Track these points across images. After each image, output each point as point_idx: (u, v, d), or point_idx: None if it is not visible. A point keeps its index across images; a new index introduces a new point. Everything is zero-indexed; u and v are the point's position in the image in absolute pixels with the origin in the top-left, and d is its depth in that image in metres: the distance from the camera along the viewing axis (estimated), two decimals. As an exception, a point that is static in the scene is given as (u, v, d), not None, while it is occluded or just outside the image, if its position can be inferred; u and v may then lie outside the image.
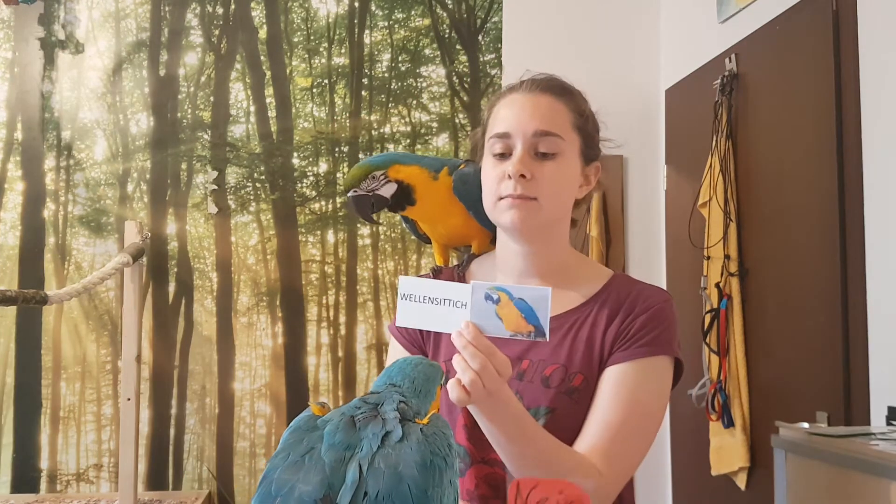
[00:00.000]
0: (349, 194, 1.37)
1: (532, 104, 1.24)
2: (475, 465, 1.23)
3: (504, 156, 1.24)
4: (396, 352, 1.35)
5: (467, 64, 3.13)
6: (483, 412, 1.10)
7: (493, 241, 1.44)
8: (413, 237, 3.04)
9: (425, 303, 1.07)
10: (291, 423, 0.88)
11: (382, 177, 1.35)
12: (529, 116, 1.23)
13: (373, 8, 3.13)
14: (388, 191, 1.35)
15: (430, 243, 1.52)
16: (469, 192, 1.36)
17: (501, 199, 1.22)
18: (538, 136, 1.22)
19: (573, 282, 1.29)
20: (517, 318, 1.04)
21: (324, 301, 3.05)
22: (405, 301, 1.09)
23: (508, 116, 1.25)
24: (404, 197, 1.37)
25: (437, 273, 1.39)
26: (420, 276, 1.40)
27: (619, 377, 1.21)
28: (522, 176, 1.20)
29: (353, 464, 0.81)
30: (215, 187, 3.05)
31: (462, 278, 1.37)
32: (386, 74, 3.12)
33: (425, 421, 0.88)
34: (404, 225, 1.52)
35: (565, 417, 1.19)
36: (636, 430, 1.20)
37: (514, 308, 1.04)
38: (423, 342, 1.34)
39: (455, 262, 1.45)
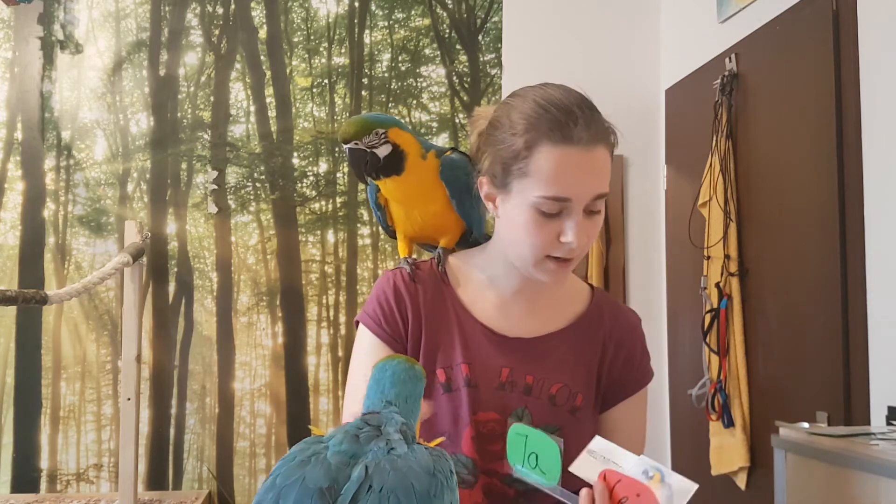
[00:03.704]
0: (348, 146, 1.29)
1: (590, 164, 1.13)
2: (481, 476, 1.22)
3: (553, 215, 1.14)
4: (374, 346, 1.26)
5: (467, 64, 3.13)
6: None
7: (464, 237, 1.39)
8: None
9: (599, 460, 1.10)
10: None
11: (383, 135, 1.29)
12: (590, 179, 1.14)
13: (373, 8, 3.13)
14: (383, 151, 1.29)
15: (395, 237, 1.44)
16: (456, 179, 1.31)
17: (548, 257, 1.17)
18: (594, 199, 1.15)
19: (561, 298, 1.30)
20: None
21: (324, 301, 3.05)
22: (588, 454, 1.11)
23: (569, 179, 1.12)
24: (395, 162, 1.30)
25: (415, 266, 1.30)
26: (405, 266, 1.32)
27: (633, 411, 1.31)
28: None
29: (360, 466, 0.82)
30: (215, 187, 3.05)
31: (444, 275, 1.30)
32: (386, 74, 3.12)
33: (431, 444, 0.89)
34: (374, 212, 1.43)
35: (570, 435, 1.19)
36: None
37: (659, 488, 1.07)
38: (406, 336, 1.26)
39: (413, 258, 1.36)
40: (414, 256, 1.36)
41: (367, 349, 1.26)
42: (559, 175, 1.12)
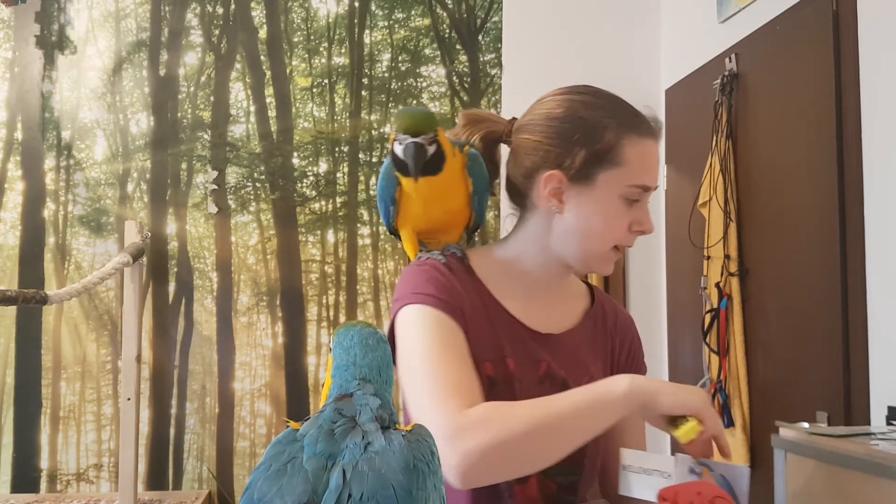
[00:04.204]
0: (413, 139, 1.21)
1: (659, 156, 1.26)
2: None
3: (632, 204, 1.23)
4: (442, 322, 1.17)
5: (467, 64, 3.13)
6: None
7: (467, 233, 1.39)
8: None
9: (640, 473, 1.12)
10: (273, 440, 0.89)
11: (434, 136, 1.24)
12: (658, 171, 1.26)
13: (373, 8, 3.13)
14: (431, 150, 1.23)
15: (397, 236, 1.41)
16: (481, 174, 1.31)
17: (615, 247, 1.23)
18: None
19: (568, 296, 1.35)
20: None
21: (324, 301, 3.05)
22: (625, 471, 1.13)
23: (652, 169, 1.24)
24: (437, 162, 1.24)
25: (446, 264, 1.28)
26: (424, 260, 1.29)
27: None
28: None
29: (337, 470, 0.81)
30: (215, 187, 3.05)
31: (472, 269, 1.29)
32: (386, 74, 3.12)
33: (408, 428, 0.88)
34: (385, 207, 1.36)
35: None
36: None
37: (713, 483, 1.08)
38: (464, 316, 1.22)
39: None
40: (434, 252, 1.33)
41: (436, 328, 1.16)
42: (647, 164, 1.21)
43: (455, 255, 1.30)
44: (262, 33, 3.11)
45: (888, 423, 1.72)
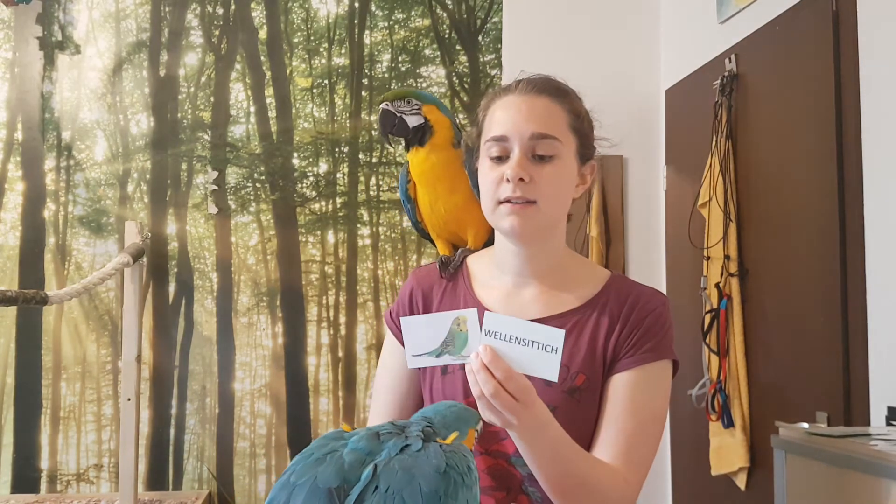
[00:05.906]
0: (381, 105, 1.44)
1: (528, 106, 1.23)
2: (477, 458, 1.24)
3: (501, 159, 1.23)
4: (390, 343, 1.37)
5: (467, 64, 3.13)
6: (518, 436, 1.10)
7: (490, 234, 1.43)
8: (413, 236, 3.06)
9: (511, 342, 1.05)
10: (322, 435, 0.93)
11: (416, 107, 1.43)
12: (526, 119, 1.22)
13: (373, 8, 3.13)
14: (413, 121, 1.43)
15: (428, 238, 1.52)
16: (474, 170, 1.37)
17: (501, 202, 1.22)
18: (535, 139, 1.21)
19: (571, 282, 1.30)
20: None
21: (324, 301, 3.05)
22: (488, 338, 1.05)
23: (505, 119, 1.23)
24: (421, 135, 1.43)
25: (444, 265, 1.37)
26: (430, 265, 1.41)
27: (627, 384, 1.24)
28: (521, 179, 1.20)
29: (371, 465, 0.83)
30: (215, 187, 3.05)
31: (461, 269, 1.37)
32: (386, 75, 3.12)
33: (448, 441, 0.90)
34: (404, 205, 1.52)
35: (566, 416, 1.19)
36: (649, 434, 1.27)
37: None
38: None
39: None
40: (447, 255, 1.43)
41: (386, 347, 1.40)
42: (497, 118, 1.25)
43: (460, 257, 1.39)
44: (262, 34, 3.11)
45: (888, 424, 1.73)
